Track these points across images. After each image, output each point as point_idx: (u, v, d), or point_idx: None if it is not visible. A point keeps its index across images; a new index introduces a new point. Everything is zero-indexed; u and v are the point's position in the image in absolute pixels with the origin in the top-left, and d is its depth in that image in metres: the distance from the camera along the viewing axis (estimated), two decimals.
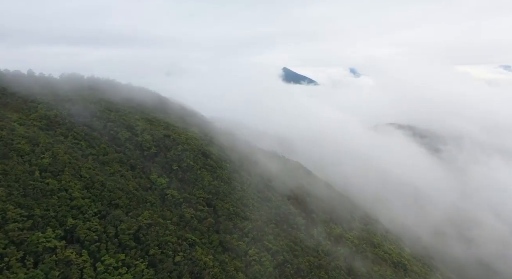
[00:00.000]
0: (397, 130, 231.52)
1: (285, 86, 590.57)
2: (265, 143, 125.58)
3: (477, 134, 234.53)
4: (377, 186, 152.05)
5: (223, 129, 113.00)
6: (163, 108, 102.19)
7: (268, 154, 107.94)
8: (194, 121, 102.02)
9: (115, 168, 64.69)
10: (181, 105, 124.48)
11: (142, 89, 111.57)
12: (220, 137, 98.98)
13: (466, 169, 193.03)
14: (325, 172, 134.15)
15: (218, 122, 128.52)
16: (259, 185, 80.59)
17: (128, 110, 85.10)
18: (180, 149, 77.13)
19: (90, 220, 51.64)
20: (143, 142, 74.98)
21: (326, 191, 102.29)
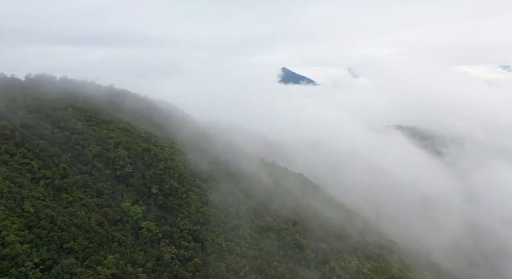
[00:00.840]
0: (398, 132, 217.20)
1: (283, 87, 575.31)
2: (262, 150, 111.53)
3: (478, 136, 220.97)
4: (381, 193, 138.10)
5: (217, 136, 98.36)
6: (148, 115, 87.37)
7: (268, 166, 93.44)
8: (183, 130, 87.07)
9: (75, 195, 50.08)
10: (172, 110, 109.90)
11: (125, 92, 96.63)
12: (212, 148, 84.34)
13: (472, 173, 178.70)
14: (326, 179, 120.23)
15: (212, 128, 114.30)
16: (259, 209, 66.00)
17: (102, 119, 70.33)
18: (162, 166, 62.44)
19: (27, 276, 37.19)
20: (116, 158, 60.27)
21: (334, 209, 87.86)
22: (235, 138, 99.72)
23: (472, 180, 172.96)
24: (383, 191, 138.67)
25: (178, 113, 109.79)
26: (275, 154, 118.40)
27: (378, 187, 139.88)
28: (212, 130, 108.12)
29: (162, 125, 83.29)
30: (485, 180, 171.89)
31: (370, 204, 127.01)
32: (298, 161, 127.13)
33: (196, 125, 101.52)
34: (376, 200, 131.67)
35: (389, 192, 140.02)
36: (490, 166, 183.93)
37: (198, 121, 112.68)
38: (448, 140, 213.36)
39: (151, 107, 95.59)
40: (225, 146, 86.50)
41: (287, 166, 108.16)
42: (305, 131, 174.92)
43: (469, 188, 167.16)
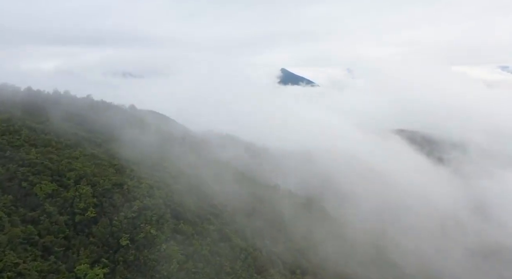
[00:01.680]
0: (397, 137, 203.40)
1: (282, 89, 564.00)
2: (255, 167, 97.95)
3: (480, 141, 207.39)
4: (386, 206, 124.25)
5: (208, 155, 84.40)
6: (129, 135, 72.90)
7: (268, 189, 79.48)
8: (170, 151, 72.85)
9: (7, 260, 36.10)
10: (161, 122, 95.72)
11: (105, 105, 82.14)
12: (202, 171, 70.45)
13: (477, 183, 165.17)
14: (322, 191, 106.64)
15: (203, 141, 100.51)
16: (260, 258, 52.08)
17: (65, 143, 56.20)
18: (137, 206, 48.46)
19: None
20: (76, 199, 46.24)
21: (350, 245, 74.17)
22: (227, 156, 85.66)
23: (478, 190, 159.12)
24: (385, 205, 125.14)
25: (168, 125, 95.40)
26: (269, 165, 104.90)
27: (380, 199, 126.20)
28: (203, 144, 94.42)
29: (145, 146, 69.04)
30: (491, 190, 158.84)
31: (373, 223, 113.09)
32: (292, 172, 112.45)
33: (187, 141, 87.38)
34: (379, 217, 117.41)
35: (392, 204, 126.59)
36: (496, 175, 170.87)
37: (189, 134, 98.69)
38: (449, 145, 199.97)
39: (135, 122, 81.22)
40: (216, 168, 72.39)
41: (283, 178, 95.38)
42: (300, 139, 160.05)
43: (476, 199, 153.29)
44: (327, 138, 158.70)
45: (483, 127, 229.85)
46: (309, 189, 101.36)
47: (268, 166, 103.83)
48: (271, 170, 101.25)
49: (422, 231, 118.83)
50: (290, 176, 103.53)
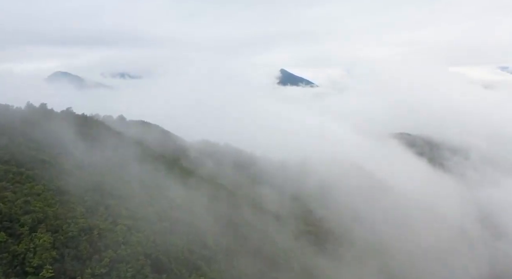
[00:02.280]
0: (395, 141, 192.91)
1: (281, 90, 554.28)
2: (250, 178, 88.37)
3: (481, 145, 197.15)
4: (391, 221, 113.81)
5: (201, 169, 74.61)
6: (106, 158, 62.20)
7: (265, 215, 69.76)
8: (159, 174, 62.66)
9: None
10: (149, 131, 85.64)
11: (87, 120, 71.62)
12: (195, 197, 60.63)
13: (480, 191, 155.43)
14: (320, 200, 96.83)
15: (197, 151, 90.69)
16: None
17: (26, 174, 46.15)
18: (108, 259, 38.58)
19: None
20: (29, 253, 36.31)
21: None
22: (221, 174, 75.91)
23: (485, 200, 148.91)
24: (390, 219, 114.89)
25: (159, 138, 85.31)
26: (264, 175, 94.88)
27: (384, 213, 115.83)
28: (197, 161, 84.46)
29: (128, 171, 58.90)
30: (498, 200, 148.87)
31: (379, 239, 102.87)
32: (287, 181, 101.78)
33: (179, 158, 77.41)
34: (384, 234, 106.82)
35: (398, 219, 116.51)
36: (501, 183, 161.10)
37: (182, 148, 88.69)
38: (450, 150, 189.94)
39: (121, 141, 70.85)
40: (210, 196, 62.50)
41: (279, 189, 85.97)
42: (297, 146, 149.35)
43: (483, 210, 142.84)
44: (326, 146, 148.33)
45: (484, 132, 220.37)
46: (307, 204, 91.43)
47: (263, 180, 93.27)
48: (268, 185, 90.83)
49: (431, 251, 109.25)
50: (286, 188, 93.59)
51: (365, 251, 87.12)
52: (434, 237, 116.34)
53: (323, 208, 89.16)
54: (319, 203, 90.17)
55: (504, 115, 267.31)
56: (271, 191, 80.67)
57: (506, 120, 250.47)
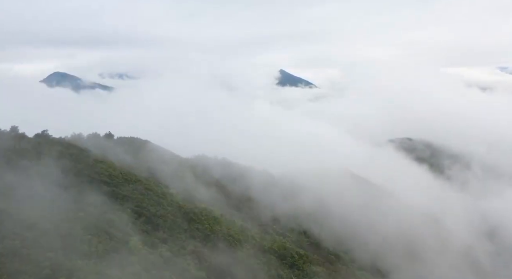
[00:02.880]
0: (398, 149, 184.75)
1: (279, 91, 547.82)
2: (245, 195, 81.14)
3: (482, 152, 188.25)
4: (396, 237, 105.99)
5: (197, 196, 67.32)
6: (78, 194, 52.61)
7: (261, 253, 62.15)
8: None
9: None
10: (139, 148, 77.76)
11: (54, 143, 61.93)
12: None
13: (487, 203, 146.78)
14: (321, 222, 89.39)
15: (194, 167, 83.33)
16: None
17: None
18: None
19: None
20: None
21: None
22: (222, 213, 68.73)
23: (490, 213, 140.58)
24: (395, 236, 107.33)
25: (151, 159, 76.24)
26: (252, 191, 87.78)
27: (388, 228, 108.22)
28: (193, 172, 76.65)
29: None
30: (504, 212, 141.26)
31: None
32: (277, 197, 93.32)
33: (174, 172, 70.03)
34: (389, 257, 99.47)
35: (403, 235, 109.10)
36: (505, 194, 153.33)
37: (176, 163, 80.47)
38: (451, 156, 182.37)
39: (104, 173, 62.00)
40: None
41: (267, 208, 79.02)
42: (289, 154, 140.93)
43: (489, 224, 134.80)
44: (323, 154, 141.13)
45: (486, 137, 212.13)
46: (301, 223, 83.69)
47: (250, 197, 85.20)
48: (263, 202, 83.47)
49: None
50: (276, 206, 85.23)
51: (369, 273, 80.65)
52: (444, 257, 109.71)
53: (319, 227, 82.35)
54: (315, 222, 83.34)
55: (505, 118, 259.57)
56: (257, 212, 73.11)
57: (507, 124, 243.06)
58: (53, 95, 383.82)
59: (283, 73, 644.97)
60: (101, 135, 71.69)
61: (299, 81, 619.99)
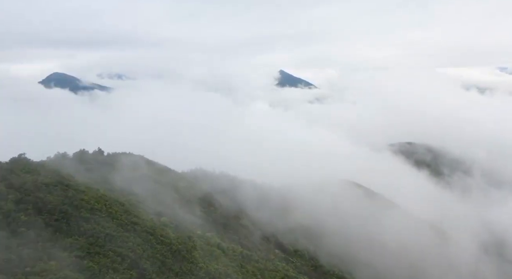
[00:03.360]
0: (398, 154, 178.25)
1: (279, 91, 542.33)
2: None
3: (482, 158, 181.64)
4: (401, 251, 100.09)
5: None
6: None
7: None
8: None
9: None
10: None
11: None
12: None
13: (491, 212, 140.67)
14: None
15: (193, 180, 78.96)
16: None
17: None
18: None
19: None
20: None
21: None
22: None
23: (495, 224, 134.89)
24: (400, 250, 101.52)
25: (139, 168, 72.19)
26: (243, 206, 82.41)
27: (392, 242, 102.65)
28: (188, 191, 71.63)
29: None
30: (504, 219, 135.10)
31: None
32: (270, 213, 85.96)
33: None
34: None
35: (408, 249, 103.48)
36: (509, 203, 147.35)
37: (167, 179, 75.10)
38: (451, 161, 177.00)
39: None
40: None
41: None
42: (283, 162, 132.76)
43: (494, 235, 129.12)
44: (320, 161, 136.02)
45: (485, 140, 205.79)
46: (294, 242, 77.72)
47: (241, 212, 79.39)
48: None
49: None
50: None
51: None
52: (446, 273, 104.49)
53: (319, 245, 77.84)
54: (315, 239, 78.85)
55: (506, 120, 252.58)
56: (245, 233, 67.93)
57: (508, 128, 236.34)
58: (50, 96, 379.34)
59: (283, 73, 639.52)
60: (90, 152, 66.66)
61: (299, 82, 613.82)
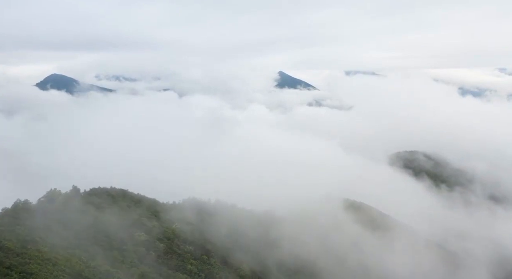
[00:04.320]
0: (399, 164, 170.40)
1: (277, 93, 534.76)
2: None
3: (483, 170, 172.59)
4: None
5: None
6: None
7: None
8: None
9: None
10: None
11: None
12: None
13: (498, 228, 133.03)
14: None
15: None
16: None
17: None
18: None
19: None
20: None
21: None
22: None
23: (495, 238, 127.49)
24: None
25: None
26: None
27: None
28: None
29: None
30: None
31: None
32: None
33: None
34: None
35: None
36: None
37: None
38: (451, 172, 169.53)
39: None
40: None
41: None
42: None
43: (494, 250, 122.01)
44: (319, 177, 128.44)
45: (485, 147, 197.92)
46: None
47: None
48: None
49: None
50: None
51: None
52: None
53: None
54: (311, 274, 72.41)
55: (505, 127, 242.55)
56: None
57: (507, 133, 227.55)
58: (44, 99, 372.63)
59: (282, 74, 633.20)
60: (62, 191, 59.73)
61: (298, 83, 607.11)
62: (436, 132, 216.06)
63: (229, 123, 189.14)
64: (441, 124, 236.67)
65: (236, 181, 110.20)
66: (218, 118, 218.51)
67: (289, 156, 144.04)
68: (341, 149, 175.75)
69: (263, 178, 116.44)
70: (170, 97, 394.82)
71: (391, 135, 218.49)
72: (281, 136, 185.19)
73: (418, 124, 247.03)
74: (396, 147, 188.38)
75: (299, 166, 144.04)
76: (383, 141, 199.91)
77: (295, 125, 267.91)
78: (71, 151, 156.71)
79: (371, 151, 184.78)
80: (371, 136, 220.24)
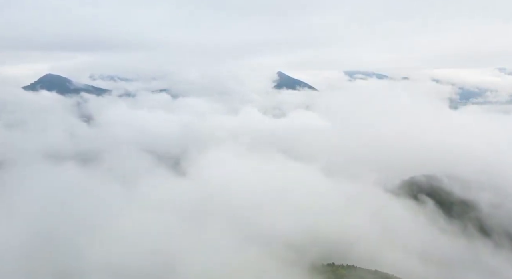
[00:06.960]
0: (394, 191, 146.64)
1: (274, 94, 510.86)
2: None
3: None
4: None
5: None
6: None
7: None
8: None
9: None
10: None
11: None
12: None
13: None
14: None
15: None
16: None
17: None
18: None
19: None
20: None
21: None
22: None
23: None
24: None
25: None
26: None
27: None
28: None
29: None
30: None
31: None
32: None
33: None
34: None
35: None
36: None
37: None
38: (459, 203, 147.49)
39: None
40: None
41: None
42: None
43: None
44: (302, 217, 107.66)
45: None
46: None
47: None
48: None
49: None
50: None
51: None
52: None
53: None
54: None
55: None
56: None
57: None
58: (33, 101, 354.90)
59: (281, 75, 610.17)
60: None
61: (298, 84, 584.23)
62: (438, 152, 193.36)
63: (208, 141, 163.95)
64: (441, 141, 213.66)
65: None
66: (199, 132, 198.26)
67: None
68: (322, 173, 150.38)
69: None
70: (162, 99, 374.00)
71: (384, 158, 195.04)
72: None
73: (417, 142, 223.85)
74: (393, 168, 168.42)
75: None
76: (375, 165, 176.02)
77: (286, 134, 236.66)
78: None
79: (369, 174, 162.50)
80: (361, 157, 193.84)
